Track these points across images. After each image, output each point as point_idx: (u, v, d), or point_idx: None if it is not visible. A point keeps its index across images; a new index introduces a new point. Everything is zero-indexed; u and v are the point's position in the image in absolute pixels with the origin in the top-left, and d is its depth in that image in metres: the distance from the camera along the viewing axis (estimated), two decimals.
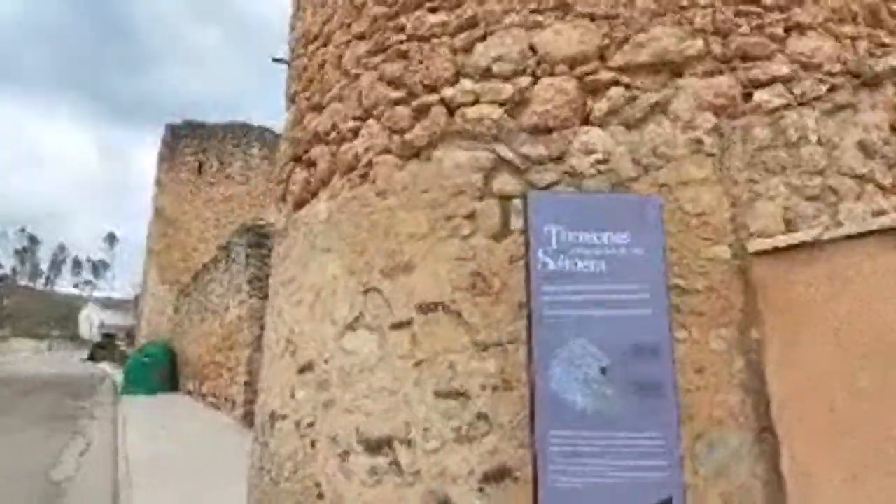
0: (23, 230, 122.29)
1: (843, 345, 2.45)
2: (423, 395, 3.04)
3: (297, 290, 3.96)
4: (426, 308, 3.11)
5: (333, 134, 3.85)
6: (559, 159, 3.06)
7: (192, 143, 25.20)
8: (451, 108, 3.29)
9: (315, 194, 4.03)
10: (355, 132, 3.67)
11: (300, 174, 4.24)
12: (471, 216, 3.11)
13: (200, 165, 24.87)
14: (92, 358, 46.42)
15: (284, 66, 5.16)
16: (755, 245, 2.78)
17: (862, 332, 2.40)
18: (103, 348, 48.39)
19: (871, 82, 3.18)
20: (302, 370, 3.71)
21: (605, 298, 2.45)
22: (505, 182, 3.11)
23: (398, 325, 3.18)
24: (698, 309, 2.82)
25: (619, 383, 2.39)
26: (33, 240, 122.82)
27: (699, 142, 2.96)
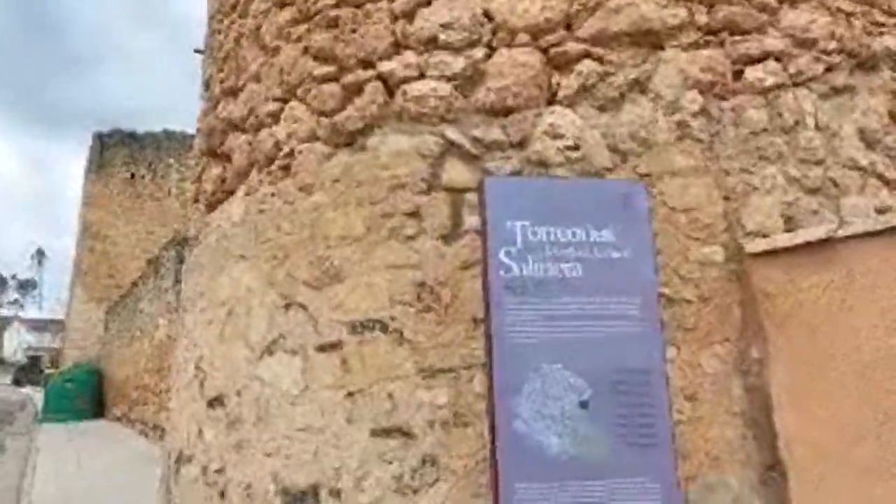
0: None
1: (870, 365, 2.00)
2: (356, 434, 2.45)
3: (207, 307, 3.31)
4: (360, 326, 2.53)
5: (251, 120, 3.24)
6: (520, 145, 2.55)
7: (122, 154, 23.70)
8: (390, 86, 2.74)
9: (231, 193, 3.40)
10: (276, 116, 3.07)
11: (214, 170, 3.61)
12: (415, 214, 2.56)
13: (132, 177, 23.45)
14: (17, 382, 43.46)
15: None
16: (755, 245, 2.33)
17: (894, 350, 1.96)
18: (29, 371, 45.35)
19: (868, 64, 2.81)
20: (211, 403, 3.06)
21: (585, 312, 1.94)
22: (456, 172, 2.57)
23: (326, 348, 2.59)
24: (688, 323, 2.34)
25: (605, 421, 1.86)
26: None
27: (685, 125, 2.51)
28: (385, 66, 2.74)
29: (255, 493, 2.67)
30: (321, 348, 2.60)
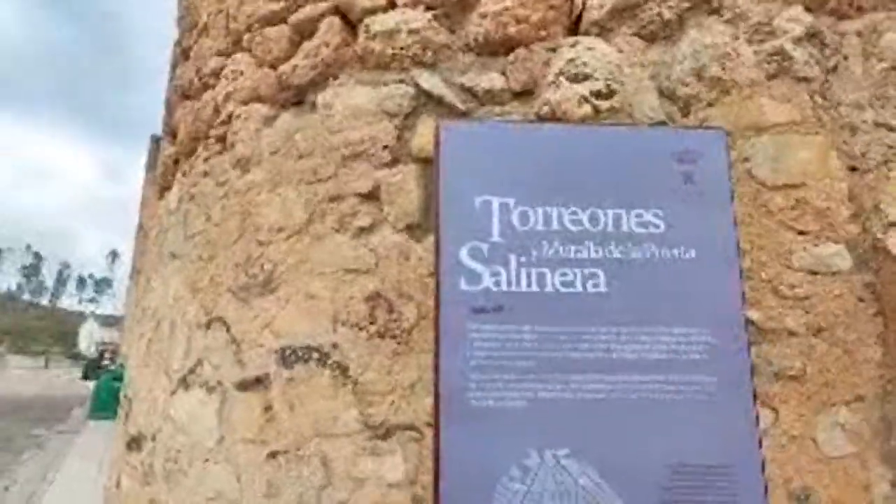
0: (28, 247, 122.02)
1: None
2: None
3: (141, 318, 2.62)
4: (292, 355, 1.76)
5: (196, 83, 2.53)
6: (527, 94, 1.73)
7: None
8: (350, 20, 1.97)
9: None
10: (218, 74, 2.35)
11: (168, 149, 2.93)
12: (372, 195, 1.78)
13: None
14: (85, 376, 45.12)
15: None
16: None
17: None
18: (98, 367, 46.97)
19: None
20: (130, 445, 2.36)
21: (611, 355, 1.10)
22: (433, 135, 1.77)
23: (247, 385, 1.83)
24: (791, 369, 1.45)
25: None
26: (38, 256, 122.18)
27: (783, 57, 1.62)
28: None
29: None
30: (242, 385, 1.84)
